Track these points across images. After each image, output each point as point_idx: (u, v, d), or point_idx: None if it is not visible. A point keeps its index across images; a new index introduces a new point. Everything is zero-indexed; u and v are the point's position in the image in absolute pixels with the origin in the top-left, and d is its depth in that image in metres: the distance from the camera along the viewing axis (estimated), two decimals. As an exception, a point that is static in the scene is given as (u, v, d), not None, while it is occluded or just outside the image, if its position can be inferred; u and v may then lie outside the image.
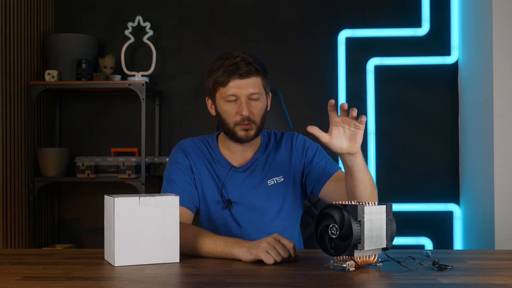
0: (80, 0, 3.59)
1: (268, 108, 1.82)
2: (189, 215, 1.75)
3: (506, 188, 2.80)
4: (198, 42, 3.54)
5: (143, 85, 3.20)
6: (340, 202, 1.37)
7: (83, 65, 3.26)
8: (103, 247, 1.52)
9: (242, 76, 1.70)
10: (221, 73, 1.72)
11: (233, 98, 1.72)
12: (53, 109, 3.57)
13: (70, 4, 3.59)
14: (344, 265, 1.35)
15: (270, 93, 1.84)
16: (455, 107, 3.41)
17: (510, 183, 2.80)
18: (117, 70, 3.48)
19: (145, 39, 3.44)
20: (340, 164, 2.53)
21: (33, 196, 3.20)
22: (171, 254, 1.46)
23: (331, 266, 1.38)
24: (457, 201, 3.39)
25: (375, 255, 1.39)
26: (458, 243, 3.35)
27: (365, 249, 1.33)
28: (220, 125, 1.80)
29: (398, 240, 3.32)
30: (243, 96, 1.71)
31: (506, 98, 2.81)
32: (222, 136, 1.85)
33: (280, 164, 1.83)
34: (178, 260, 1.46)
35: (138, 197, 1.43)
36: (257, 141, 1.84)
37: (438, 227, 3.40)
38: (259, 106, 1.74)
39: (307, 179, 1.83)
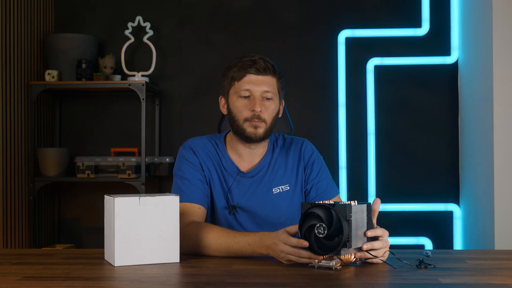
0: (80, 0, 3.59)
1: (280, 115, 1.81)
2: (204, 213, 1.73)
3: (506, 188, 2.80)
4: (198, 42, 3.54)
5: (143, 85, 3.20)
6: (325, 202, 1.37)
7: (83, 65, 3.26)
8: (103, 247, 1.52)
9: (258, 71, 1.71)
10: (237, 68, 1.72)
11: (247, 93, 1.71)
12: (53, 109, 3.57)
13: (70, 4, 3.59)
14: (330, 264, 1.36)
15: (283, 102, 1.83)
16: (455, 107, 3.41)
17: (510, 183, 2.80)
18: (117, 70, 3.48)
19: (145, 39, 3.44)
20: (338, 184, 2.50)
21: (33, 196, 3.20)
22: (171, 254, 1.46)
23: (316, 265, 1.38)
24: (457, 201, 3.39)
25: (355, 253, 1.40)
26: (458, 243, 3.35)
27: (352, 247, 1.35)
28: (230, 123, 1.78)
29: (398, 240, 3.32)
30: (257, 92, 1.71)
31: (506, 98, 2.81)
32: (230, 137, 1.83)
33: (287, 172, 1.82)
34: (178, 260, 1.46)
35: (138, 197, 1.43)
36: (265, 145, 1.82)
37: (438, 227, 3.40)
38: (272, 107, 1.73)
39: (306, 192, 1.83)
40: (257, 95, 1.71)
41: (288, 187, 1.81)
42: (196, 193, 1.72)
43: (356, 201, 1.40)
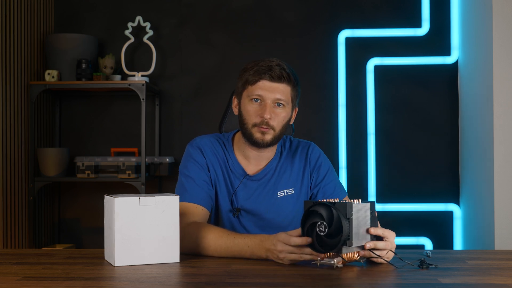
0: (80, 0, 3.59)
1: (291, 122, 1.80)
2: (206, 215, 1.72)
3: (506, 188, 2.80)
4: (198, 42, 3.54)
5: (143, 85, 3.20)
6: (327, 200, 1.38)
7: (83, 65, 3.26)
8: (103, 247, 1.52)
9: (273, 78, 1.69)
10: (253, 72, 1.71)
11: (258, 98, 1.70)
12: (53, 109, 3.57)
13: (70, 4, 3.59)
14: (332, 262, 1.36)
15: (296, 109, 1.81)
16: (455, 107, 3.41)
17: (510, 183, 2.80)
18: (117, 70, 3.48)
19: (145, 39, 3.44)
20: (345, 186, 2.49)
21: (33, 196, 3.20)
22: (171, 254, 1.46)
23: (318, 263, 1.38)
24: (457, 201, 3.39)
25: (358, 252, 1.41)
26: (458, 243, 3.35)
27: (353, 245, 1.35)
28: (239, 125, 1.77)
29: (398, 240, 3.32)
30: (269, 99, 1.69)
31: (506, 98, 2.82)
32: (238, 138, 1.82)
33: (293, 176, 1.81)
34: (178, 260, 1.46)
35: (138, 197, 1.43)
36: (273, 149, 1.81)
37: (438, 227, 3.40)
38: (282, 115, 1.72)
39: (312, 196, 1.83)
40: (268, 102, 1.69)
41: (293, 191, 1.80)
42: (199, 194, 1.71)
43: (359, 200, 1.40)
